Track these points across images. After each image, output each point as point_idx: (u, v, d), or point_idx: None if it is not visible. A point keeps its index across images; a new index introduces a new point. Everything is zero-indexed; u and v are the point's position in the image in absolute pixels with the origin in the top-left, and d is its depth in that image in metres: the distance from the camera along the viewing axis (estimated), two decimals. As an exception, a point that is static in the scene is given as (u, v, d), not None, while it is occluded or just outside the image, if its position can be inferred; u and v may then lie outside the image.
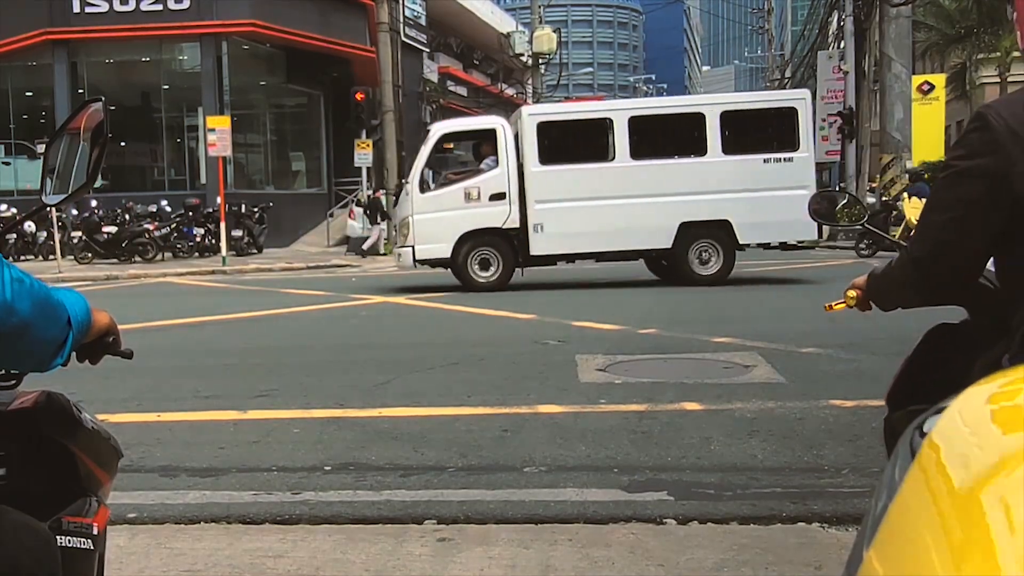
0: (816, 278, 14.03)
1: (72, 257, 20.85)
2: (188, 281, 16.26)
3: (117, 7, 24.96)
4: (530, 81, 42.76)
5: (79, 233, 21.15)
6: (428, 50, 39.19)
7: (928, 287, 1.86)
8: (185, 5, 25.09)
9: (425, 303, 11.90)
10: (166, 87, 27.54)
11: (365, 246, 23.36)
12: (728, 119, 13.53)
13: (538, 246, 13.40)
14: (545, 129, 13.62)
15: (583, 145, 13.86)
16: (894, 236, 16.68)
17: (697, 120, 13.53)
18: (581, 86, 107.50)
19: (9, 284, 1.34)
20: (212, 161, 21.57)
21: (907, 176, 22.88)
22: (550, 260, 13.88)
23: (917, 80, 24.36)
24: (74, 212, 21.93)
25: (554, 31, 40.81)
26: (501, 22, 47.98)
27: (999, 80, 29.47)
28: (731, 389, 6.12)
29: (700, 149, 13.49)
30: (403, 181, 14.36)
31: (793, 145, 13.51)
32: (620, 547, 3.47)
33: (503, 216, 13.35)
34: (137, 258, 20.67)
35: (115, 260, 20.61)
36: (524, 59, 41.53)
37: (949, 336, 2.03)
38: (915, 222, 1.93)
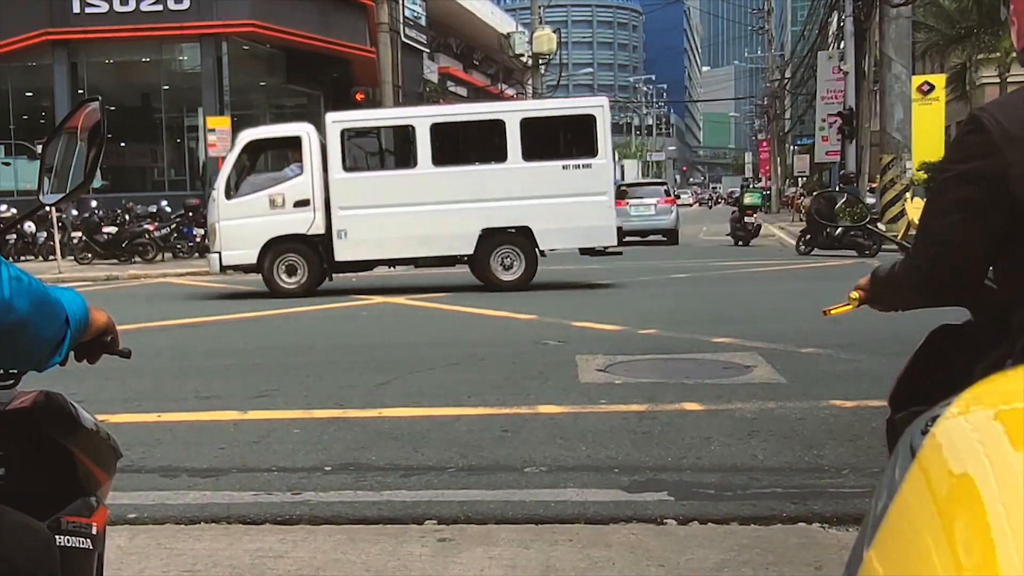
0: (807, 277, 14.04)
1: (72, 257, 20.84)
2: (188, 281, 16.26)
3: (117, 7, 24.96)
4: (530, 81, 42.78)
5: (79, 233, 21.14)
6: (428, 50, 39.19)
7: (930, 289, 1.86)
8: (185, 5, 25.09)
9: (425, 303, 11.90)
10: (166, 87, 27.55)
11: None
12: (528, 126, 13.54)
13: (342, 252, 13.43)
14: (349, 136, 13.73)
15: (387, 152, 13.92)
16: (895, 236, 16.70)
17: (498, 127, 13.53)
18: (581, 86, 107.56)
19: (7, 282, 1.34)
20: (212, 161, 21.58)
21: (841, 179, 22.90)
22: (358, 266, 13.89)
23: (917, 80, 24.33)
24: (74, 212, 21.93)
25: (554, 31, 40.81)
26: (501, 23, 48.00)
27: (999, 80, 29.46)
28: (731, 389, 6.12)
29: (501, 156, 13.48)
30: (210, 188, 14.46)
31: (592, 152, 13.53)
32: (621, 547, 3.47)
33: (307, 223, 13.39)
34: (137, 258, 20.66)
35: (115, 260, 20.60)
36: (524, 60, 41.54)
37: (952, 337, 2.03)
38: (917, 222, 1.93)
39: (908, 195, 21.14)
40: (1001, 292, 1.79)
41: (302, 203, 13.37)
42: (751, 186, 40.46)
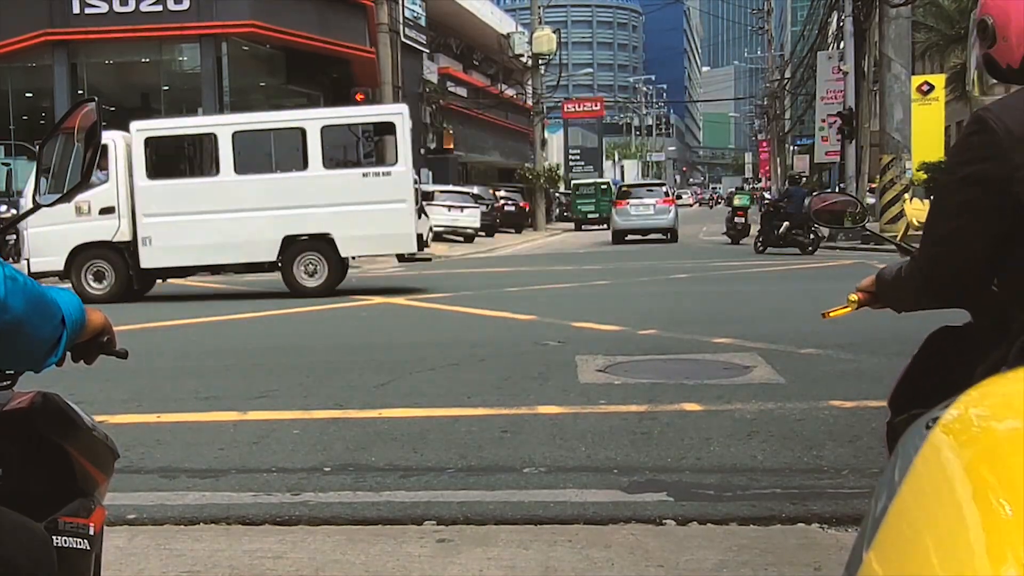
0: (806, 277, 14.03)
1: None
2: (187, 281, 16.23)
3: (117, 8, 24.98)
4: (530, 82, 42.82)
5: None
6: (428, 51, 39.24)
7: (931, 290, 1.86)
8: (185, 6, 25.11)
9: (425, 303, 11.90)
10: (166, 88, 27.57)
11: None
12: (329, 134, 13.63)
13: (148, 259, 13.54)
14: (153, 144, 13.83)
15: (190, 160, 14.03)
16: (894, 237, 16.68)
17: (299, 135, 13.60)
18: (581, 87, 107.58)
19: (2, 282, 1.34)
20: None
21: (788, 180, 23.10)
22: (166, 273, 13.98)
23: (917, 80, 24.37)
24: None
25: (554, 32, 40.87)
26: (501, 23, 48.05)
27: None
28: (731, 390, 6.11)
29: (302, 164, 13.57)
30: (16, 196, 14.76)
31: (391, 159, 13.64)
32: (620, 548, 3.46)
33: (112, 230, 13.51)
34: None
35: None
36: (524, 60, 41.59)
37: (952, 339, 2.02)
38: (916, 223, 1.93)
39: (907, 196, 21.14)
40: (1002, 294, 1.79)
41: (107, 210, 13.50)
42: (746, 188, 41.30)
